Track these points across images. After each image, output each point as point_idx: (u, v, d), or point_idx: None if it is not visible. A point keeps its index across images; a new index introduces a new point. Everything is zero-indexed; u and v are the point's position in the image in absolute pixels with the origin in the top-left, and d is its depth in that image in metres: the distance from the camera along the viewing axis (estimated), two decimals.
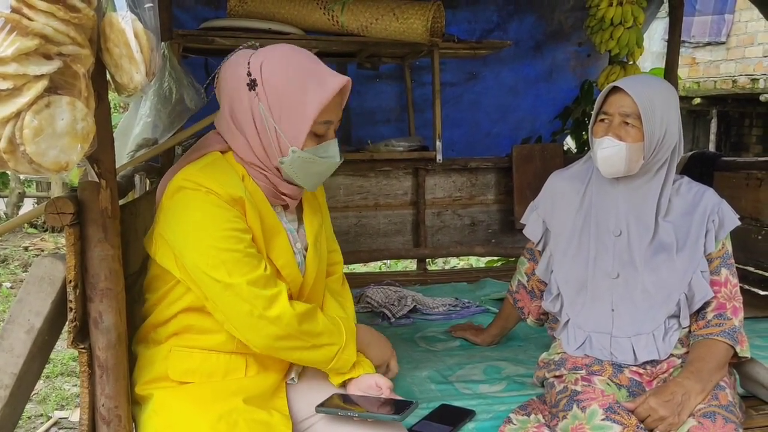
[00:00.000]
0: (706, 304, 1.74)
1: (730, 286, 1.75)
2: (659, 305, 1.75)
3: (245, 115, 1.46)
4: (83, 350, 1.34)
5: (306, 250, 1.60)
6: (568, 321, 1.85)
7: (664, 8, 3.74)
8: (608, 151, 1.71)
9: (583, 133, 4.02)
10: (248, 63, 1.46)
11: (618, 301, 1.78)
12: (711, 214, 1.75)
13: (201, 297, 1.43)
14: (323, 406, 1.48)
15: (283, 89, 1.43)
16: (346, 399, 1.52)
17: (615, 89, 1.74)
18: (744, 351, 1.72)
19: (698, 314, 1.75)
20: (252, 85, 1.44)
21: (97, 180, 1.28)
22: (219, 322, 1.44)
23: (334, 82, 1.45)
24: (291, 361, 1.53)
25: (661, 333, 1.74)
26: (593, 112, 1.80)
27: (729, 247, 1.80)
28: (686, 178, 1.84)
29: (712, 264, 1.76)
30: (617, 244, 1.79)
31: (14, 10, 0.98)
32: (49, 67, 1.01)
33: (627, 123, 1.70)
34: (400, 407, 1.47)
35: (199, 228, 1.39)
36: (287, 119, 1.44)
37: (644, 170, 1.75)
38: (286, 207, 1.58)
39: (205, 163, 1.46)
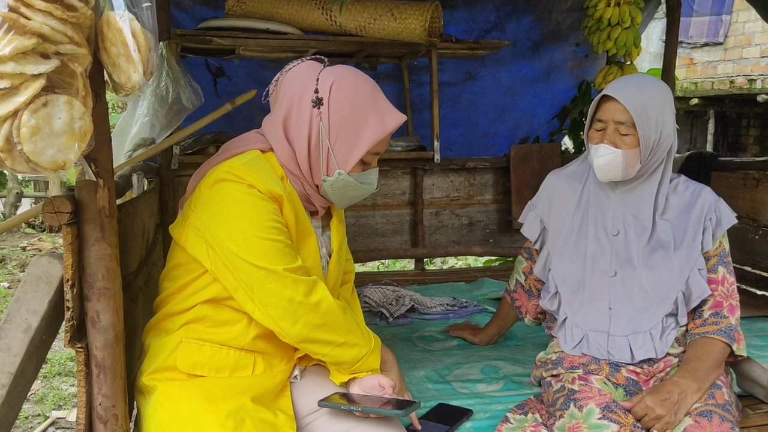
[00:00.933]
0: (703, 302, 1.74)
1: (727, 285, 1.76)
2: (657, 303, 1.75)
3: (302, 129, 1.49)
4: (80, 349, 1.34)
5: (329, 256, 1.63)
6: (565, 319, 1.86)
7: (662, 9, 3.75)
8: (604, 158, 1.72)
9: (581, 133, 4.02)
10: (317, 80, 1.49)
11: (615, 299, 1.78)
12: (708, 212, 1.76)
13: (230, 287, 1.44)
14: (326, 401, 1.49)
15: (347, 115, 1.48)
16: (348, 398, 1.53)
17: (607, 96, 1.72)
18: (740, 349, 1.72)
19: (695, 312, 1.76)
20: (318, 103, 1.48)
21: (94, 179, 1.28)
22: (250, 312, 1.45)
23: (394, 119, 1.51)
24: (318, 357, 1.53)
25: (658, 331, 1.75)
26: (587, 118, 1.80)
27: (726, 246, 1.80)
28: (683, 177, 1.85)
29: (710, 262, 1.76)
30: (614, 243, 1.80)
31: (12, 9, 0.98)
32: (47, 66, 1.01)
33: (622, 131, 1.70)
34: (402, 406, 1.47)
35: (242, 218, 1.41)
36: (342, 143, 1.49)
37: (641, 172, 1.75)
38: (314, 213, 1.61)
39: (247, 159, 1.49)
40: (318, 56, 1.58)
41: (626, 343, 1.76)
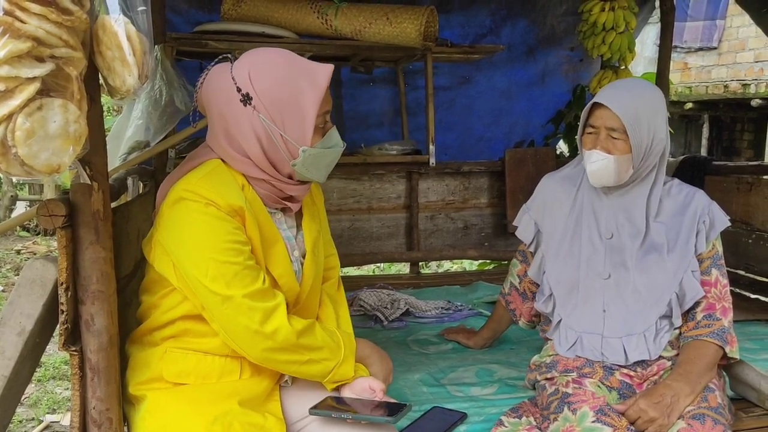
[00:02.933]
0: (696, 304, 1.75)
1: (720, 287, 1.77)
2: (650, 306, 1.76)
3: (246, 133, 1.44)
4: (74, 353, 1.34)
5: (304, 257, 1.59)
6: (560, 321, 1.86)
7: (656, 13, 3.77)
8: (597, 165, 1.73)
9: (575, 137, 4.03)
10: (233, 78, 1.43)
11: (609, 301, 1.79)
12: (702, 215, 1.77)
13: (198, 306, 1.42)
14: (317, 409, 1.48)
15: (280, 95, 1.42)
16: (340, 402, 1.52)
17: (598, 103, 1.73)
18: (733, 352, 1.73)
19: (687, 315, 1.77)
20: (246, 99, 1.42)
21: (89, 182, 1.28)
22: (216, 331, 1.43)
23: (324, 73, 1.45)
24: (287, 373, 1.53)
25: (652, 333, 1.75)
26: (580, 123, 1.81)
27: (719, 248, 1.81)
28: (677, 180, 1.86)
29: (703, 264, 1.77)
30: (608, 246, 1.80)
31: (6, 13, 0.98)
32: (42, 69, 1.02)
33: (614, 137, 1.71)
34: (393, 410, 1.47)
35: (199, 240, 1.38)
36: (291, 122, 1.44)
37: (634, 176, 1.76)
38: (286, 211, 1.58)
39: (205, 171, 1.45)
40: (223, 56, 1.51)
41: (620, 344, 1.77)
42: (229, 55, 1.50)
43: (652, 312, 1.76)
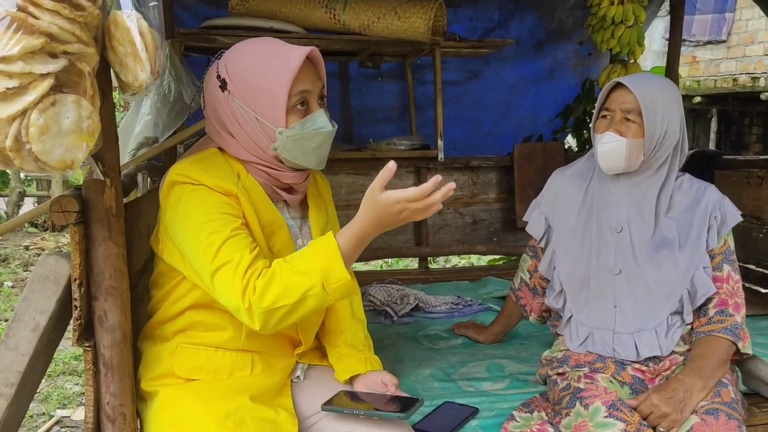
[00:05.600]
0: (708, 300, 1.74)
1: (732, 282, 1.76)
2: (662, 301, 1.75)
3: (227, 116, 1.48)
4: (88, 348, 1.34)
5: None
6: (571, 317, 1.86)
7: (665, 7, 3.74)
8: (609, 146, 1.73)
9: (584, 131, 4.02)
10: (216, 68, 1.49)
11: (620, 297, 1.78)
12: (713, 210, 1.76)
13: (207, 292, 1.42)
14: (329, 404, 1.49)
15: (248, 77, 1.45)
16: (353, 396, 1.53)
17: (617, 85, 1.75)
18: (746, 347, 1.73)
19: (700, 311, 1.76)
20: (223, 85, 1.46)
21: (102, 178, 1.28)
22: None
23: (297, 55, 1.45)
24: (305, 317, 1.40)
25: (663, 329, 1.75)
26: (595, 108, 1.81)
27: (731, 243, 1.80)
28: (687, 175, 1.85)
29: (714, 260, 1.77)
30: (619, 241, 1.80)
31: (20, 9, 0.98)
32: (55, 65, 1.02)
33: (628, 119, 1.72)
34: (405, 405, 1.47)
35: (190, 216, 1.39)
36: (262, 104, 1.45)
37: (645, 167, 1.76)
38: (288, 202, 1.58)
39: (198, 157, 1.48)
40: (221, 52, 1.54)
41: (631, 340, 1.76)
42: (223, 52, 1.53)
43: (664, 308, 1.75)
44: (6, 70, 0.97)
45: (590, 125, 1.84)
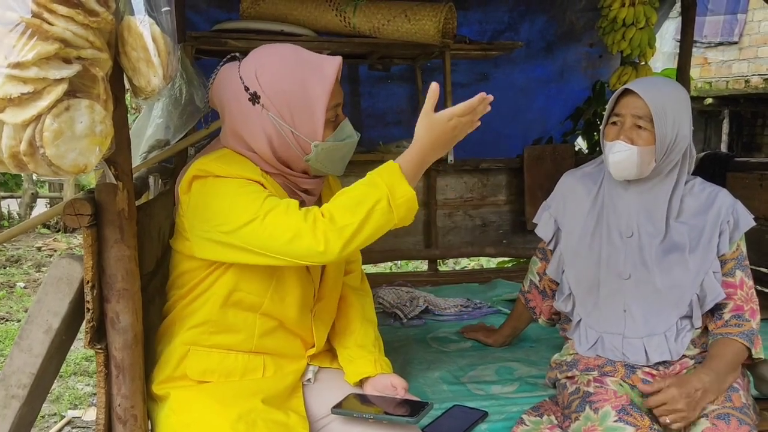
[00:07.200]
0: (723, 305, 1.73)
1: (746, 288, 1.75)
2: (671, 306, 1.74)
3: (256, 133, 1.44)
4: (100, 350, 1.35)
5: None
6: (580, 321, 1.85)
7: (676, 8, 3.72)
8: (620, 155, 1.71)
9: (595, 133, 4.00)
10: (240, 77, 1.44)
11: (630, 301, 1.78)
12: (725, 215, 1.74)
13: (259, 264, 1.38)
14: (339, 408, 1.49)
15: (288, 91, 1.42)
16: (363, 399, 1.53)
17: (627, 91, 1.74)
18: (758, 353, 1.72)
19: (714, 314, 1.75)
20: (254, 98, 1.42)
21: (114, 182, 1.29)
22: (281, 268, 1.40)
23: (331, 66, 1.44)
24: (368, 240, 1.37)
25: (673, 334, 1.74)
26: (605, 114, 1.80)
27: (744, 249, 1.79)
28: (699, 179, 1.84)
29: (727, 265, 1.75)
30: (629, 245, 1.79)
31: (34, 15, 0.99)
32: (69, 70, 1.03)
33: (639, 126, 1.70)
34: (415, 408, 1.48)
35: (221, 198, 1.37)
36: (300, 118, 1.44)
37: (656, 172, 1.75)
38: (302, 204, 1.58)
39: (217, 155, 1.46)
40: (231, 56, 1.51)
41: (641, 345, 1.75)
42: (237, 55, 1.50)
43: (673, 312, 1.74)
44: (20, 75, 0.98)
45: (600, 130, 1.83)
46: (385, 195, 1.31)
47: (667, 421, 1.56)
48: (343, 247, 1.32)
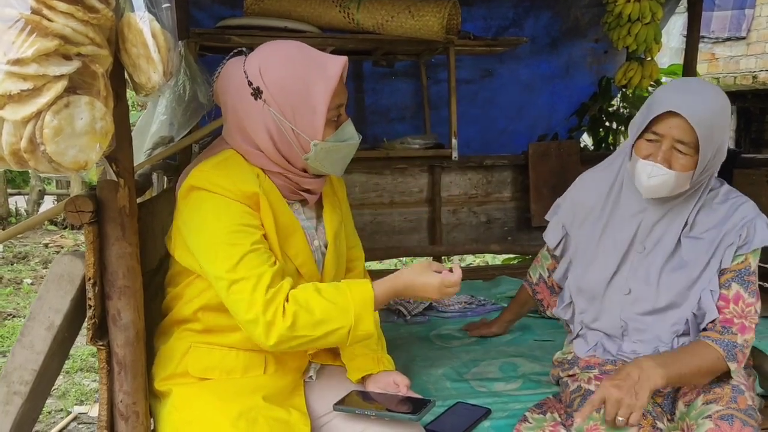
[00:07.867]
0: (713, 319, 1.64)
1: (742, 305, 1.62)
2: (670, 324, 1.69)
3: (258, 128, 1.44)
4: (102, 347, 1.36)
5: (326, 247, 1.59)
6: (580, 330, 1.84)
7: (683, 3, 3.70)
8: (656, 180, 1.59)
9: (600, 130, 3.99)
10: (245, 72, 1.43)
11: (628, 317, 1.73)
12: (740, 229, 1.64)
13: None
14: (341, 404, 1.49)
15: (290, 88, 1.42)
16: (365, 396, 1.53)
17: (671, 112, 1.55)
18: (735, 372, 1.59)
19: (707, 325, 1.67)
20: (257, 93, 1.42)
21: (115, 179, 1.29)
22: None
23: (335, 66, 1.44)
24: (310, 347, 1.47)
25: (668, 350, 1.70)
26: (637, 125, 1.64)
27: (753, 264, 1.65)
28: (725, 187, 1.71)
29: (724, 276, 1.65)
30: (635, 260, 1.73)
31: (34, 11, 0.99)
32: (69, 67, 1.03)
33: (679, 150, 1.56)
34: (417, 406, 1.47)
35: (208, 225, 1.39)
36: (301, 116, 1.43)
37: (687, 191, 1.65)
38: (304, 203, 1.58)
39: (218, 160, 1.46)
40: (237, 50, 1.50)
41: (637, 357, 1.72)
42: (243, 50, 1.50)
43: (671, 330, 1.69)
44: (20, 72, 0.98)
45: (629, 140, 1.68)
46: (348, 325, 1.39)
47: (620, 419, 1.45)
48: (287, 348, 1.39)
